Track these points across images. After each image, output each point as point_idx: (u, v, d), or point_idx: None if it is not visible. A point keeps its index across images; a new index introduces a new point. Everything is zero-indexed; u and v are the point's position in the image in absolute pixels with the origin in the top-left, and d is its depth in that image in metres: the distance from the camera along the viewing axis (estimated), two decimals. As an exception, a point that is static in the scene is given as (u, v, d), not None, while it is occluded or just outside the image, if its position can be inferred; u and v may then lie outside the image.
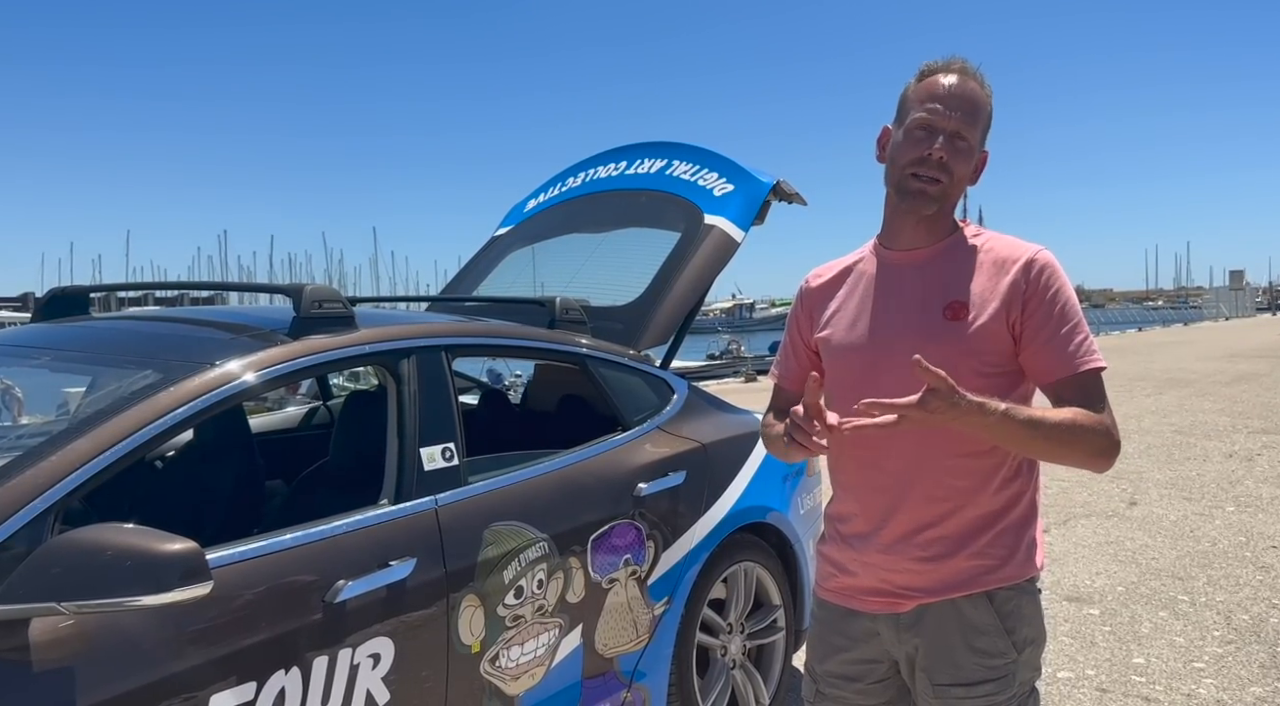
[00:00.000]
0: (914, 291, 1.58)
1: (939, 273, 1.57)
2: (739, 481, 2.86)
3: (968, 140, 1.53)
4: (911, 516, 1.55)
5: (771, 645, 3.02)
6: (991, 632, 1.55)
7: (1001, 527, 1.56)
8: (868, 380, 1.57)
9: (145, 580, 1.44)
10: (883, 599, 1.61)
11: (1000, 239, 1.59)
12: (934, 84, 1.54)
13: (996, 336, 1.51)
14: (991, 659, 1.55)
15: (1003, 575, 1.55)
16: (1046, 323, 1.50)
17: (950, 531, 1.54)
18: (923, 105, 1.54)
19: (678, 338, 3.14)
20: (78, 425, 1.74)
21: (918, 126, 1.53)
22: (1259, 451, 7.63)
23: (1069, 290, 1.53)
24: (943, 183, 1.53)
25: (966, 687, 1.55)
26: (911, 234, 1.60)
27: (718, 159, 3.44)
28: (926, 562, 1.55)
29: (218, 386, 1.88)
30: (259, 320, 2.24)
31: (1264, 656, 3.53)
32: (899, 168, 1.56)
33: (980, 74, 1.57)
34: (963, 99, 1.53)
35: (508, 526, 2.21)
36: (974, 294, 1.52)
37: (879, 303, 1.61)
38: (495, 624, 2.13)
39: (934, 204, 1.54)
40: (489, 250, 3.97)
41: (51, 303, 2.65)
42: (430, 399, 2.21)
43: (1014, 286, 1.51)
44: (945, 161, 1.52)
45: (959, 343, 1.51)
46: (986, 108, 1.56)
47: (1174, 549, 4.97)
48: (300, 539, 1.85)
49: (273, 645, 1.73)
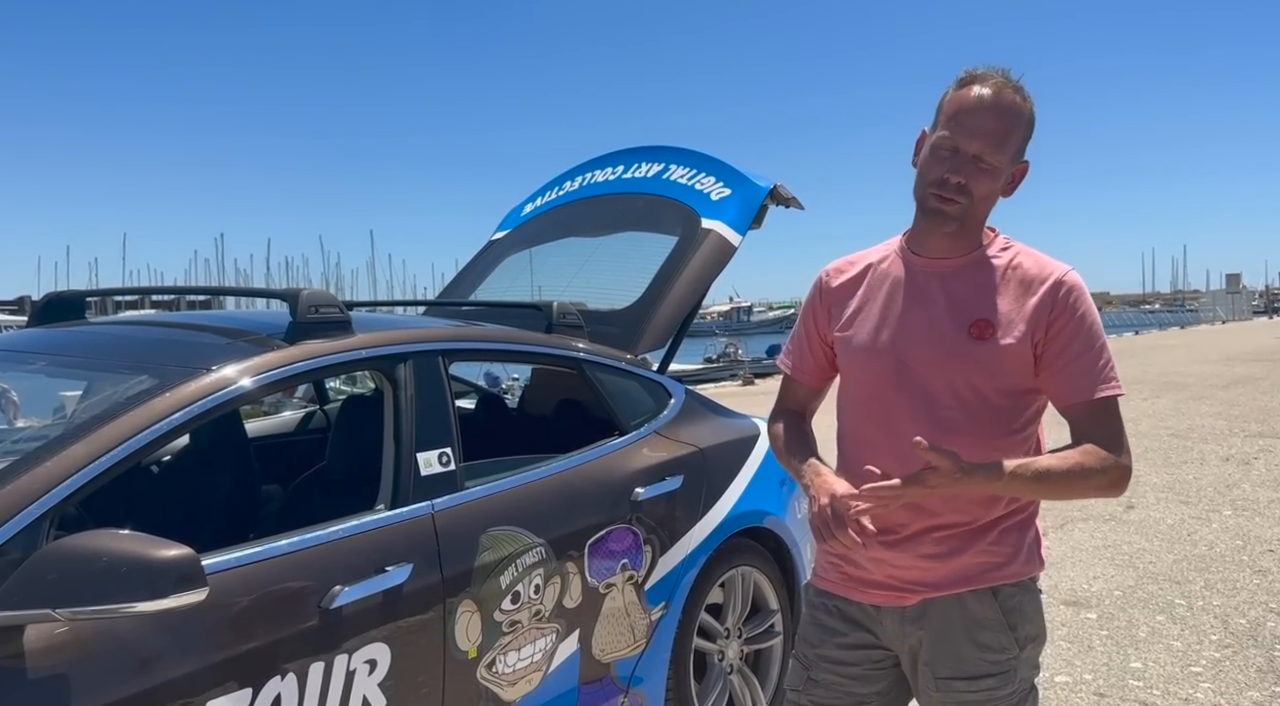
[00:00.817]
0: (940, 304, 1.58)
1: (966, 287, 1.58)
2: (736, 486, 2.86)
3: (991, 162, 1.52)
4: (927, 521, 1.57)
5: (769, 650, 3.02)
6: (995, 627, 1.57)
7: (1006, 527, 1.59)
8: (886, 389, 1.60)
9: (140, 586, 1.43)
10: (888, 592, 1.62)
11: (1029, 255, 1.60)
12: (966, 97, 1.53)
13: (1020, 358, 1.52)
14: (994, 653, 1.57)
15: (1007, 572, 1.58)
16: (1069, 346, 1.51)
17: (959, 531, 1.57)
18: (951, 121, 1.53)
19: (675, 342, 3.14)
20: (73, 430, 1.73)
21: (942, 145, 1.54)
22: (1256, 455, 7.64)
23: (1094, 314, 1.54)
24: (961, 203, 1.53)
25: (969, 681, 1.57)
26: (938, 244, 1.61)
27: (715, 163, 3.44)
28: (934, 559, 1.58)
29: (214, 391, 1.87)
30: (255, 325, 2.24)
31: (1261, 661, 3.53)
32: (923, 184, 1.57)
33: (1020, 85, 1.55)
34: (993, 117, 1.51)
35: (505, 531, 2.20)
36: (1000, 313, 1.54)
37: (904, 311, 1.61)
38: (492, 629, 2.13)
39: (953, 222, 1.55)
40: (486, 254, 3.97)
41: (47, 307, 2.64)
42: (427, 403, 2.21)
43: (1040, 307, 1.52)
44: (964, 185, 1.52)
45: (982, 362, 1.53)
46: (1022, 122, 1.55)
47: (1171, 553, 4.97)
48: (296, 544, 1.85)
49: (268, 651, 1.73)
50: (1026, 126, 1.56)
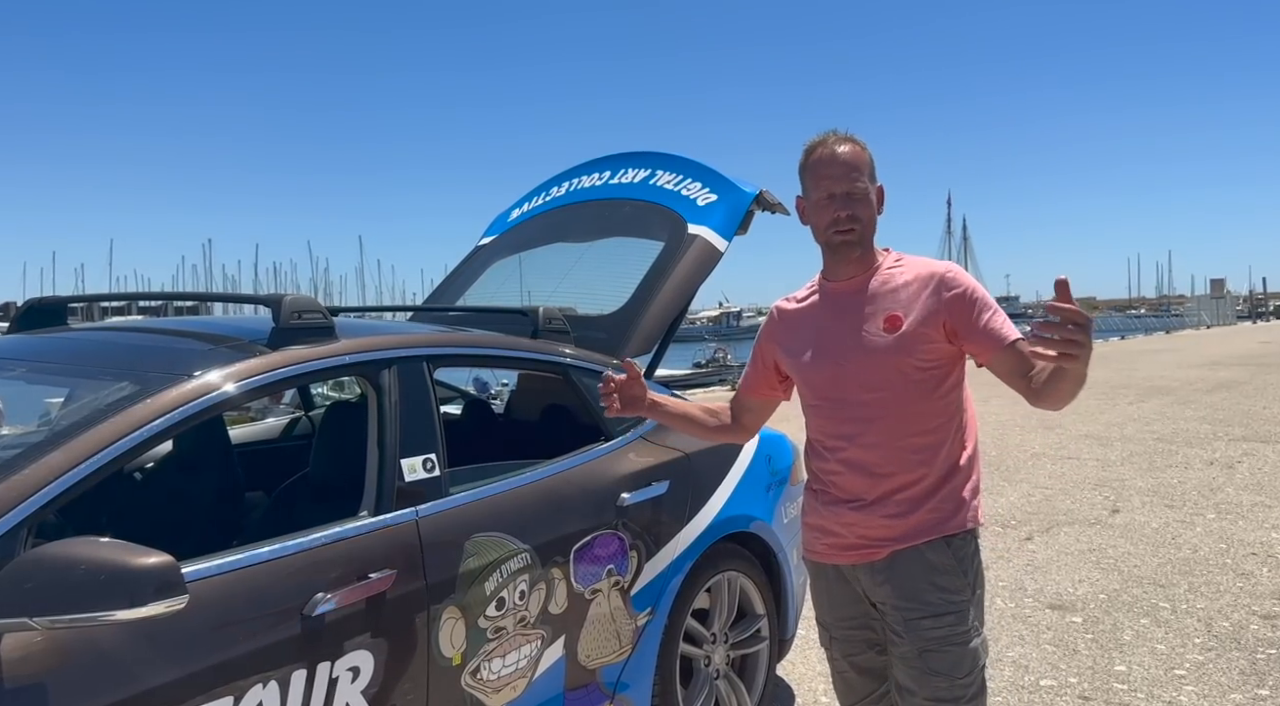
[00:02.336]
0: (857, 311, 1.95)
1: (874, 294, 1.94)
2: (722, 491, 2.86)
3: (860, 190, 1.91)
4: (885, 485, 1.92)
5: (755, 655, 3.02)
6: (950, 571, 1.90)
7: (950, 487, 1.93)
8: (835, 386, 1.97)
9: (119, 594, 1.42)
10: (860, 552, 1.96)
11: (915, 260, 1.98)
12: (817, 157, 1.93)
13: (927, 338, 1.88)
14: (952, 594, 1.90)
15: (954, 523, 1.92)
16: (969, 315, 1.87)
17: (914, 494, 1.91)
18: (819, 180, 1.92)
19: (661, 347, 3.14)
20: (53, 437, 1.72)
21: (821, 198, 1.92)
22: (1239, 459, 7.69)
23: (976, 285, 1.90)
24: (857, 229, 1.92)
25: (934, 618, 1.88)
26: (846, 268, 1.99)
27: (701, 169, 3.45)
28: (896, 518, 1.91)
29: (196, 397, 1.86)
30: (238, 331, 2.23)
31: (1244, 663, 3.55)
32: (821, 232, 1.95)
33: (851, 135, 1.94)
34: (842, 160, 1.90)
35: (489, 537, 2.20)
36: (904, 307, 1.90)
37: (832, 325, 1.98)
38: (476, 636, 2.12)
39: (857, 246, 1.94)
40: (473, 259, 3.97)
41: (28, 313, 2.62)
42: (411, 409, 2.20)
43: (935, 297, 1.88)
44: (853, 215, 1.91)
45: (898, 346, 1.88)
46: (865, 157, 1.93)
47: (1155, 556, 5.00)
48: (279, 551, 1.84)
49: (250, 659, 1.72)
50: (869, 159, 1.94)
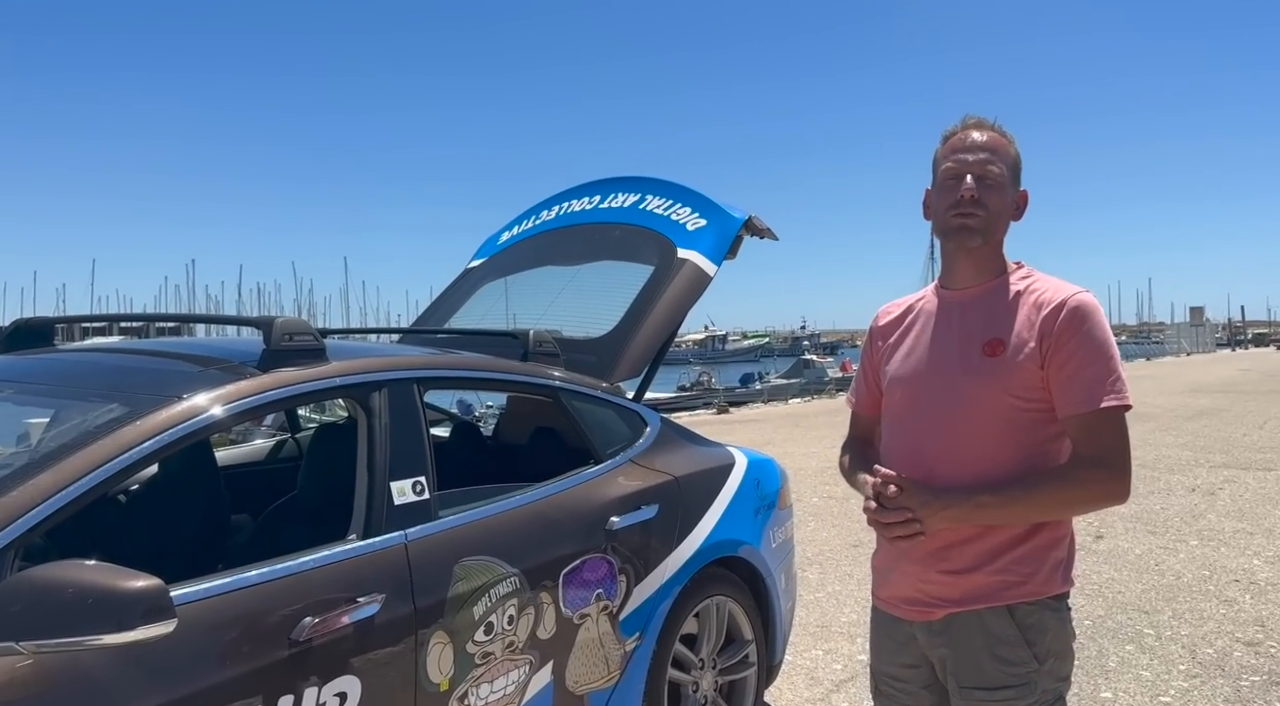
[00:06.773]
0: (958, 328, 1.72)
1: (984, 310, 1.70)
2: (711, 515, 2.86)
3: (994, 173, 1.67)
4: (940, 535, 1.65)
5: (743, 680, 3.00)
6: (1012, 643, 1.65)
7: (1026, 549, 1.66)
8: (911, 410, 1.75)
9: (106, 618, 1.41)
10: (918, 608, 1.74)
11: (1047, 280, 1.71)
12: (954, 140, 1.71)
13: (1028, 372, 1.62)
14: (1012, 666, 1.65)
15: (1024, 591, 1.66)
16: (1070, 360, 1.60)
17: (975, 549, 1.66)
18: (948, 158, 1.70)
19: (651, 370, 3.15)
20: (40, 459, 1.71)
21: (947, 177, 1.70)
22: (1220, 485, 7.75)
23: (1102, 331, 1.62)
24: (980, 216, 1.66)
25: (988, 691, 1.65)
26: (963, 272, 1.74)
27: (691, 194, 3.48)
28: (955, 575, 1.68)
29: (184, 420, 1.85)
30: (227, 352, 2.22)
31: (1228, 690, 3.56)
32: (940, 215, 1.71)
33: (998, 125, 1.73)
34: (981, 141, 1.69)
35: (478, 561, 2.19)
36: (1013, 332, 1.65)
37: (930, 339, 1.76)
38: (464, 661, 2.11)
39: (977, 236, 1.67)
40: (462, 282, 3.97)
41: (15, 334, 2.61)
42: (401, 432, 2.19)
43: (1046, 323, 1.62)
44: (978, 198, 1.65)
45: (994, 376, 1.64)
46: (1010, 150, 1.71)
47: (1139, 582, 5.02)
48: (266, 575, 1.82)
49: (237, 683, 1.70)
50: (1015, 152, 1.72)
